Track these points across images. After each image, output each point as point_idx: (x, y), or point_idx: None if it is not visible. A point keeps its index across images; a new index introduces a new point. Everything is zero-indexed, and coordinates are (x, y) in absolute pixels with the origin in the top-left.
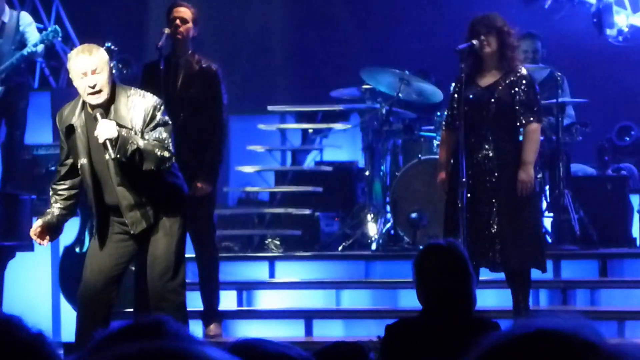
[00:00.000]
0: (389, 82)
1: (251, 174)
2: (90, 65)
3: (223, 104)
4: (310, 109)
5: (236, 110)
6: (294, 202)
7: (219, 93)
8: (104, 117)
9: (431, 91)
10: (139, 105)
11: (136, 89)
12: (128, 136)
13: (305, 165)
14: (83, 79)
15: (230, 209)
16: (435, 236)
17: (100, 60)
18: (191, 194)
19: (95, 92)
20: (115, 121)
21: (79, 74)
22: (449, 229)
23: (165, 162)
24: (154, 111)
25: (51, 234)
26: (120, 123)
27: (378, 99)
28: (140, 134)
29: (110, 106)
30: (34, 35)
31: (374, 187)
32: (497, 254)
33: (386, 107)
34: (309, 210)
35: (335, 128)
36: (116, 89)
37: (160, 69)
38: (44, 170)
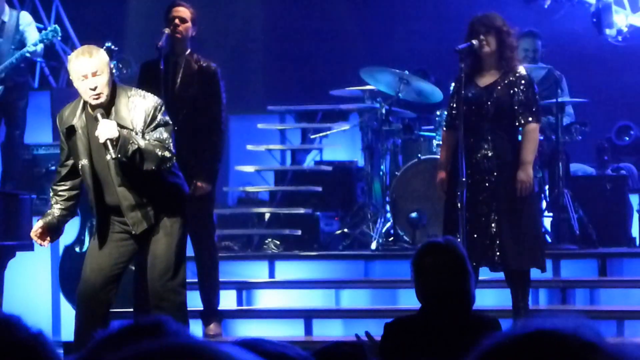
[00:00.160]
0: (389, 82)
1: (251, 174)
2: (90, 67)
3: (222, 103)
4: (310, 108)
5: (236, 110)
6: (293, 202)
7: (218, 92)
8: (104, 117)
9: (431, 91)
10: (139, 105)
11: (137, 90)
12: (129, 136)
13: (304, 165)
14: (84, 81)
15: (230, 208)
16: (434, 236)
17: (101, 62)
18: (191, 193)
19: (96, 94)
20: (116, 121)
21: (80, 77)
22: (449, 228)
23: (166, 162)
24: (154, 111)
25: (52, 235)
26: (121, 124)
27: (378, 99)
28: (141, 135)
29: (111, 107)
30: (33, 35)
31: (373, 187)
32: (497, 253)
33: (386, 107)
34: (309, 210)
35: (335, 128)
36: (117, 89)
37: (160, 68)
38: (43, 170)
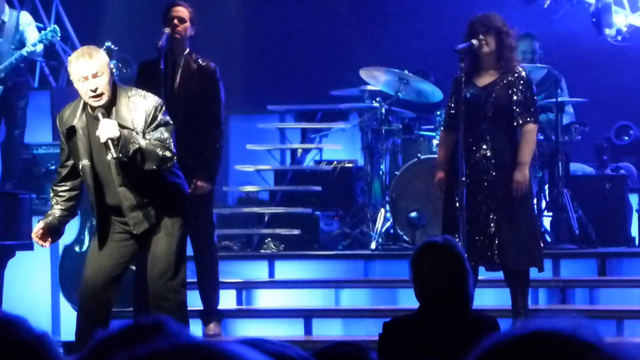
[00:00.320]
0: (389, 82)
1: (251, 174)
2: (90, 69)
3: (221, 102)
4: (310, 108)
5: (236, 110)
6: (293, 202)
7: (217, 91)
8: (105, 117)
9: (430, 91)
10: (140, 106)
11: (137, 90)
12: (130, 136)
13: (304, 164)
14: (84, 82)
15: (229, 208)
16: (434, 235)
17: (101, 63)
18: (190, 192)
19: (96, 95)
20: (116, 122)
21: (80, 78)
22: (447, 228)
23: (166, 162)
24: (155, 111)
25: (52, 236)
26: (121, 124)
27: (377, 99)
28: (142, 135)
29: (112, 107)
30: (33, 35)
31: (373, 187)
32: (495, 253)
33: (385, 107)
34: (309, 210)
35: (335, 127)
36: (117, 90)
37: (160, 68)
38: (43, 170)
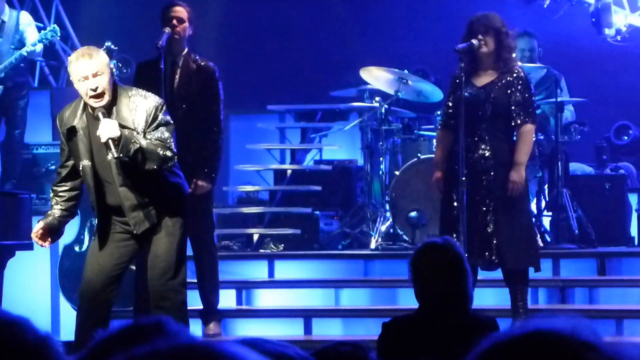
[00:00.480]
0: (388, 82)
1: (251, 173)
2: (91, 69)
3: (221, 102)
4: (310, 108)
5: (236, 110)
6: (293, 201)
7: (217, 91)
8: (106, 117)
9: (430, 90)
10: (140, 105)
11: (138, 90)
12: (130, 136)
13: (304, 164)
14: (84, 82)
15: (229, 208)
16: (434, 235)
17: (101, 63)
18: (190, 191)
19: (97, 95)
20: (117, 122)
21: (80, 78)
22: (446, 228)
23: (167, 162)
24: (155, 111)
25: (52, 236)
26: (122, 124)
27: (377, 99)
28: (143, 135)
29: (112, 107)
30: (33, 35)
31: (373, 187)
32: (494, 253)
33: (385, 107)
34: (309, 210)
35: (335, 127)
36: (117, 90)
37: (160, 67)
38: (43, 169)
